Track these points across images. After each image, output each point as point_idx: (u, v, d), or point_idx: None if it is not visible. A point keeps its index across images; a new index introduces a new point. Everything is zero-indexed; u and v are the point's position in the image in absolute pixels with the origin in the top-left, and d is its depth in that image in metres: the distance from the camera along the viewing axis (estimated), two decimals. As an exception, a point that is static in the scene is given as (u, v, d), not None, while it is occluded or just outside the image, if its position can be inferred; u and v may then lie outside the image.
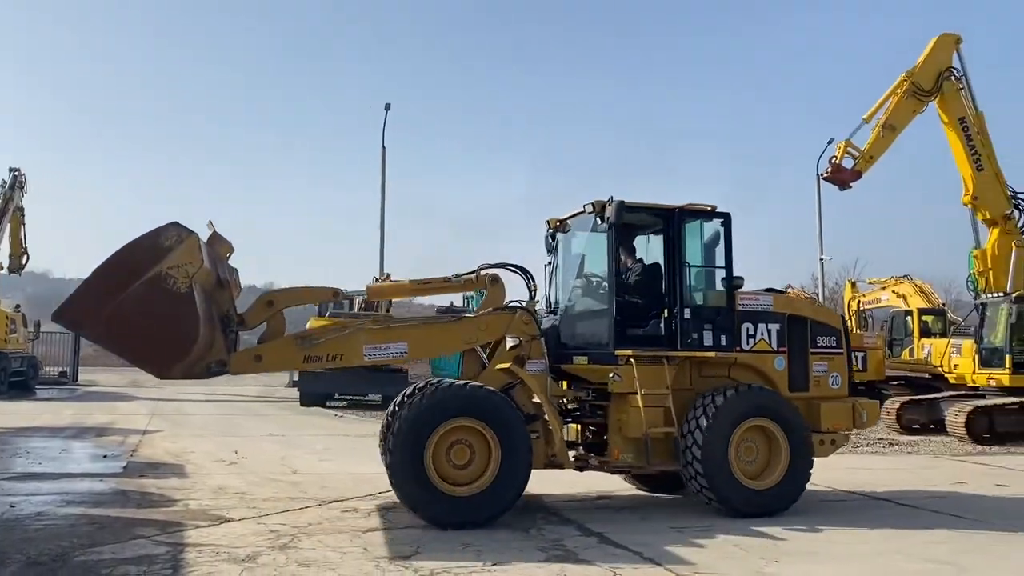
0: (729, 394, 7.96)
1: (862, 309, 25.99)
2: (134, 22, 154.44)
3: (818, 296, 31.80)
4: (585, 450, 8.53)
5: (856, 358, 9.02)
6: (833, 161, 18.03)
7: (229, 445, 12.98)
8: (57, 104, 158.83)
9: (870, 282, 27.64)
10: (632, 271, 8.53)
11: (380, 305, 23.62)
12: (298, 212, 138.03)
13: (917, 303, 23.38)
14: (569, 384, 8.62)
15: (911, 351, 21.20)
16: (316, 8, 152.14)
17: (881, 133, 17.74)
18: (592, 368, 8.25)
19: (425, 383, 7.53)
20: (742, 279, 8.41)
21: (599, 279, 8.60)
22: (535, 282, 8.61)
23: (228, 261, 7.94)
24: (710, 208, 8.40)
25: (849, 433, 8.96)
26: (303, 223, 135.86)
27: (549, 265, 9.23)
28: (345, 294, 8.61)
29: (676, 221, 8.32)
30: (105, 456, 11.57)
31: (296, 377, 25.71)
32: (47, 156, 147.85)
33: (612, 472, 8.80)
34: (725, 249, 8.37)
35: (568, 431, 8.43)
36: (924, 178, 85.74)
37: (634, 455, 8.05)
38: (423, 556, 6.13)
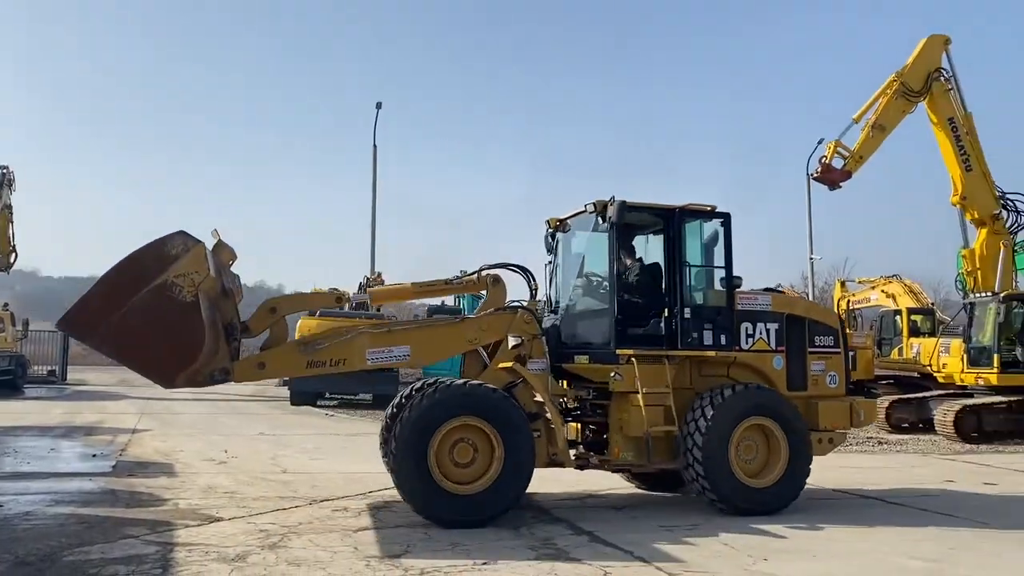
0: (729, 393, 8.01)
1: (851, 308, 26.07)
2: (134, 22, 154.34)
3: (808, 296, 31.91)
4: (585, 449, 8.54)
5: (846, 357, 9.05)
6: (823, 161, 18.10)
7: (219, 444, 12.95)
8: (57, 104, 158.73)
9: (859, 281, 27.74)
10: (632, 271, 8.55)
11: (371, 304, 23.61)
12: (298, 212, 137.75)
13: (906, 303, 23.48)
14: (569, 383, 8.64)
15: (900, 350, 21.28)
16: (316, 8, 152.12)
17: (871, 133, 17.82)
18: (593, 367, 8.28)
19: (428, 382, 7.58)
20: (740, 279, 8.46)
21: (600, 279, 8.63)
22: (536, 281, 8.66)
23: (230, 267, 7.92)
24: (710, 208, 8.45)
25: (847, 432, 9.01)
26: (303, 223, 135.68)
27: (549, 265, 9.25)
28: (348, 298, 8.61)
29: (676, 221, 8.35)
30: (94, 455, 11.53)
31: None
32: (46, 156, 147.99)
33: (612, 471, 8.83)
34: (725, 249, 8.41)
35: (568, 430, 8.44)
36: (913, 178, 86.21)
37: (635, 454, 8.08)
38: (413, 555, 6.13)
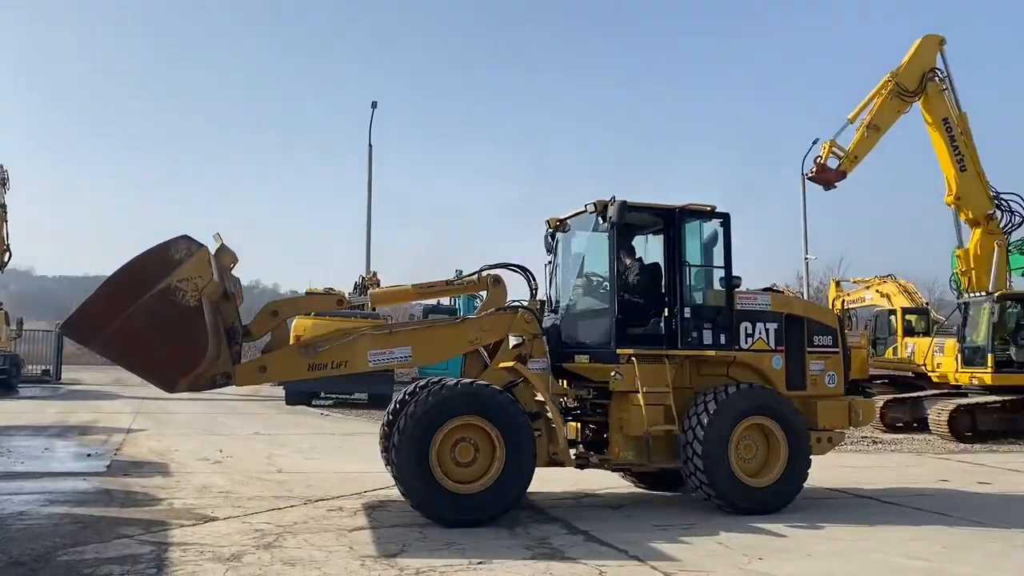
0: (729, 392, 8.03)
1: (846, 308, 26.13)
2: (134, 22, 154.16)
3: (803, 295, 31.96)
4: (585, 448, 8.56)
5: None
6: (818, 161, 18.12)
7: (214, 444, 12.93)
8: (56, 103, 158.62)
9: (854, 281, 27.83)
10: (632, 270, 8.57)
11: (366, 303, 23.56)
12: (298, 212, 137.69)
13: (901, 302, 23.55)
14: (569, 383, 8.65)
15: (895, 350, 21.35)
16: (316, 8, 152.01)
17: (865, 133, 17.85)
18: (593, 367, 8.29)
19: (432, 381, 7.60)
20: (740, 279, 8.49)
21: (600, 278, 8.64)
22: (536, 281, 8.68)
23: (231, 271, 7.91)
24: (710, 208, 8.47)
25: (845, 431, 9.03)
26: (303, 223, 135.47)
27: (549, 264, 9.26)
28: (349, 301, 8.61)
29: (677, 221, 8.37)
30: (88, 455, 11.50)
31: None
32: (44, 155, 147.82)
33: (612, 470, 8.86)
34: (724, 249, 8.43)
35: (568, 429, 8.45)
36: (908, 178, 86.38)
37: (635, 453, 8.10)
38: (409, 555, 6.13)
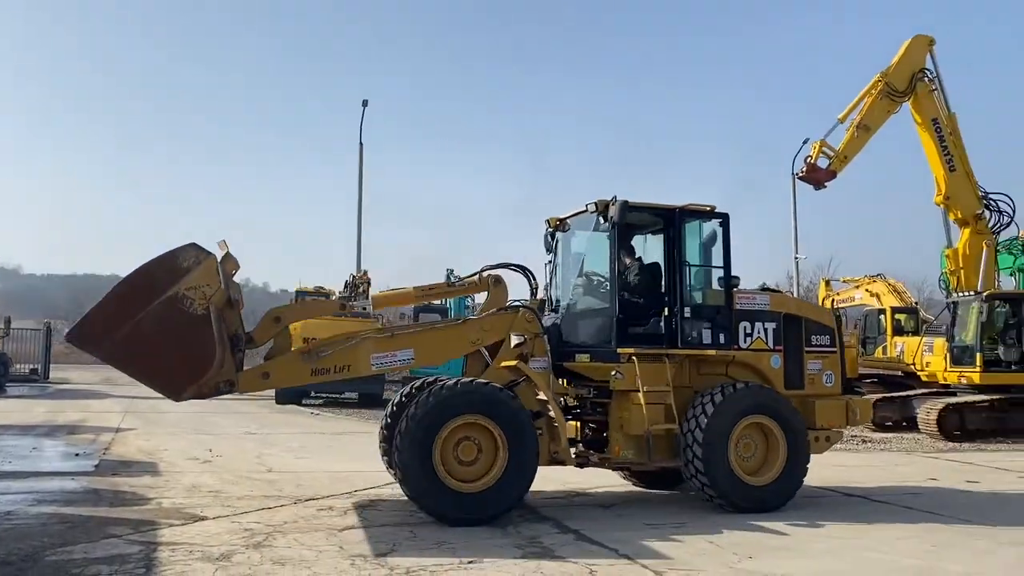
0: (729, 392, 8.07)
1: (836, 307, 26.21)
2: (134, 22, 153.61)
3: (793, 295, 32.05)
4: (585, 447, 8.58)
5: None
6: (808, 161, 18.19)
7: (203, 443, 12.88)
8: (56, 103, 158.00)
9: (844, 281, 27.92)
10: (632, 270, 8.59)
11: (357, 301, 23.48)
12: (298, 212, 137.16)
13: (890, 302, 23.63)
14: (568, 381, 8.65)
15: (884, 349, 21.43)
16: (316, 8, 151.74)
17: (855, 133, 17.92)
18: (594, 366, 8.31)
19: (425, 382, 7.59)
20: (738, 278, 8.53)
21: (600, 278, 8.67)
22: (536, 280, 8.70)
23: (233, 277, 7.89)
24: (709, 208, 8.50)
25: (843, 430, 9.07)
26: (303, 223, 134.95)
27: (549, 264, 9.27)
28: (352, 306, 8.61)
29: (676, 221, 8.40)
30: (77, 454, 11.43)
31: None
32: (45, 156, 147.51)
33: (612, 468, 8.90)
34: (723, 249, 8.47)
35: (568, 428, 8.46)
36: (898, 178, 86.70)
37: (635, 452, 8.13)
38: (399, 554, 6.12)
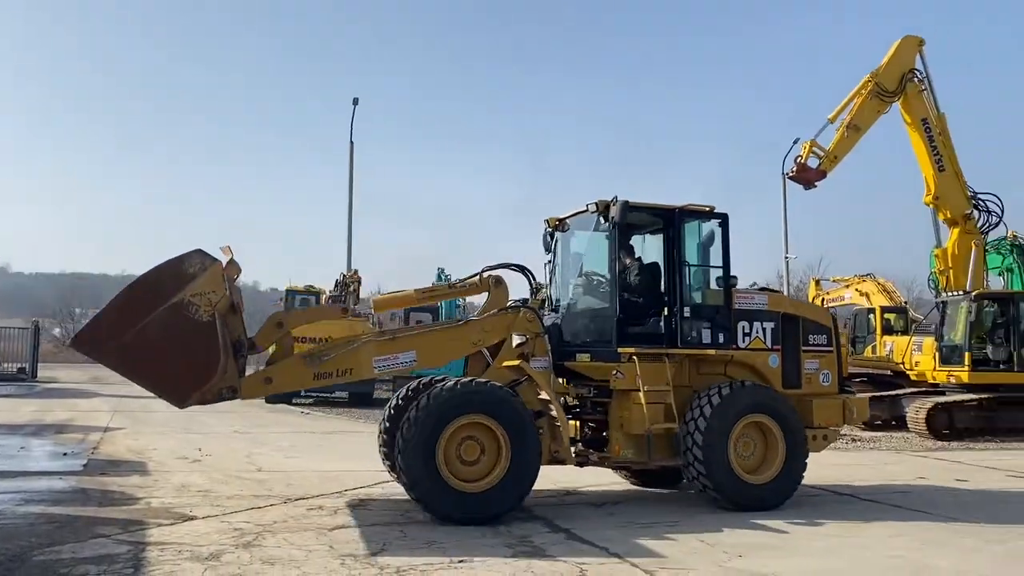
0: (729, 391, 8.10)
1: (826, 307, 26.31)
2: (134, 22, 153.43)
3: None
4: (584, 446, 8.59)
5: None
6: (798, 161, 18.24)
7: (193, 442, 12.83)
8: (55, 103, 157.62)
9: (834, 280, 28.00)
10: (632, 270, 8.61)
11: (348, 300, 23.49)
12: (298, 212, 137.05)
13: (880, 301, 23.73)
14: (567, 381, 8.66)
15: (874, 348, 21.52)
16: (316, 8, 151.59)
17: (845, 133, 17.99)
18: (595, 365, 8.33)
19: (421, 382, 7.59)
20: (736, 278, 8.57)
21: (600, 278, 8.68)
22: (536, 280, 8.71)
23: (235, 282, 7.86)
24: (708, 208, 8.52)
25: (839, 429, 9.10)
26: (303, 223, 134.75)
27: (549, 264, 9.28)
28: (353, 311, 8.59)
29: (676, 221, 8.42)
30: (65, 454, 11.37)
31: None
32: (44, 155, 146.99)
33: (612, 467, 8.94)
34: (723, 249, 8.50)
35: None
36: (888, 178, 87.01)
37: (635, 451, 8.16)
38: (389, 553, 6.10)
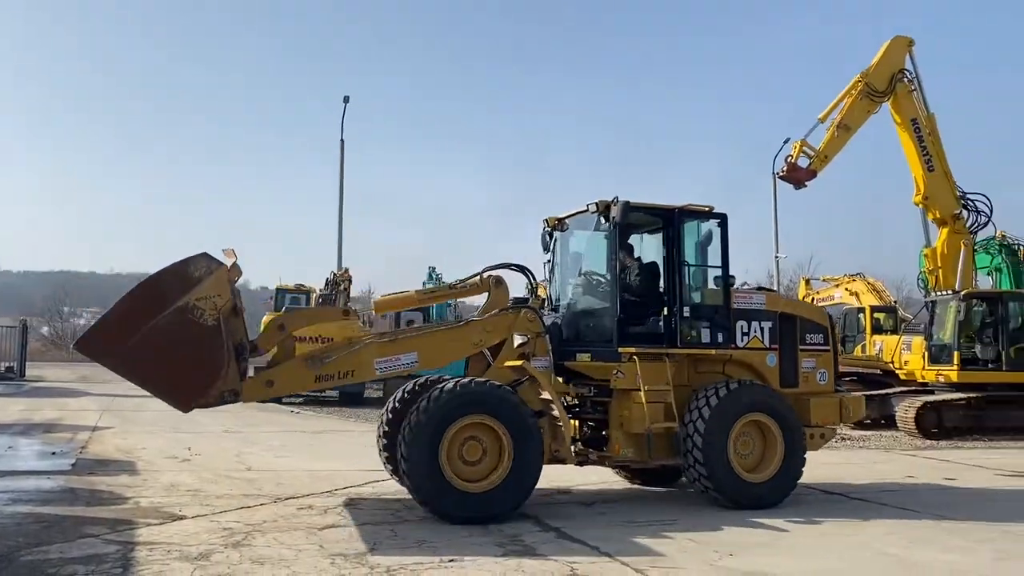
0: (729, 389, 8.12)
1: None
2: (134, 22, 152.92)
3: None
4: (584, 445, 8.60)
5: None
6: (789, 160, 18.31)
7: (182, 441, 12.77)
8: (55, 103, 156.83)
9: (824, 280, 28.14)
10: (631, 270, 8.62)
11: (338, 299, 23.48)
12: (298, 212, 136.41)
13: (869, 300, 23.86)
14: (566, 380, 8.66)
15: (863, 347, 21.62)
16: (316, 8, 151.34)
17: (836, 133, 18.05)
18: (595, 365, 8.34)
19: (416, 383, 7.60)
20: (734, 278, 8.63)
21: (600, 278, 8.69)
22: (536, 280, 8.72)
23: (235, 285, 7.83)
24: (708, 208, 8.55)
25: (836, 427, 9.15)
26: (303, 223, 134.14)
27: (548, 263, 9.29)
28: (355, 312, 8.58)
29: (676, 221, 8.44)
30: (53, 453, 11.30)
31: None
32: (44, 155, 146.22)
33: (612, 467, 8.98)
34: (721, 249, 8.53)
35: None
36: (877, 178, 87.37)
37: (635, 450, 8.18)
38: (379, 552, 6.09)
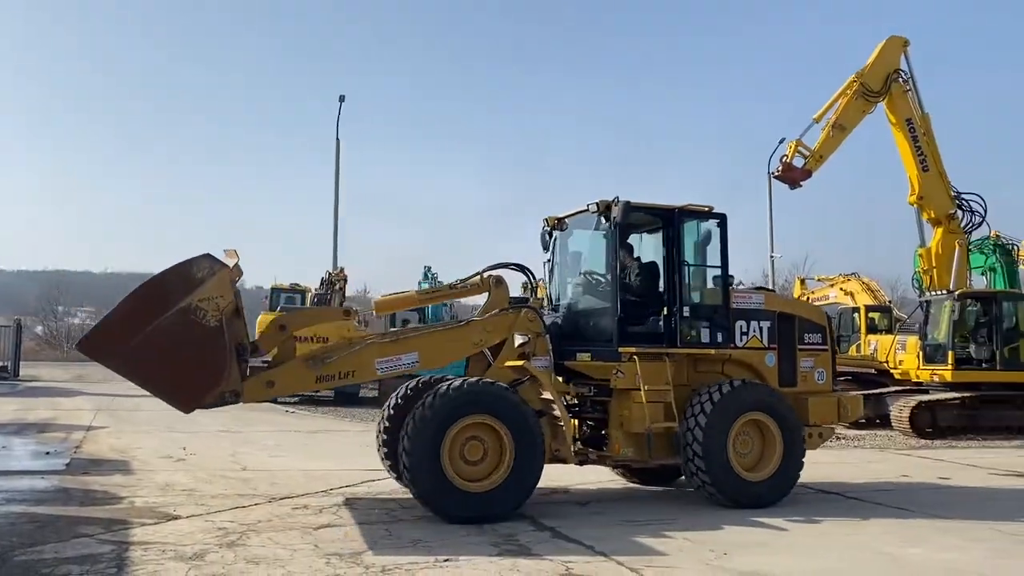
0: (728, 389, 8.14)
1: (814, 306, 26.44)
2: (134, 22, 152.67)
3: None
4: (583, 445, 8.60)
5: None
6: (784, 160, 18.33)
7: (177, 441, 12.75)
8: (55, 103, 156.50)
9: (819, 279, 28.19)
10: (631, 269, 8.63)
11: (333, 298, 23.45)
12: (298, 212, 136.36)
13: (864, 300, 23.90)
14: (566, 380, 8.67)
15: (858, 347, 21.65)
16: (316, 8, 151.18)
17: (831, 133, 18.09)
18: (595, 364, 8.35)
19: (418, 382, 7.61)
20: (733, 278, 8.65)
21: (600, 278, 8.70)
22: (536, 279, 8.73)
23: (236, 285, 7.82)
24: (707, 209, 8.57)
25: (834, 427, 9.18)
26: (303, 223, 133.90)
27: (548, 263, 9.29)
28: (356, 313, 8.58)
29: (676, 221, 8.45)
30: (47, 453, 11.29)
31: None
32: (45, 155, 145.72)
33: (612, 466, 9.01)
34: (721, 249, 8.54)
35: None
36: (872, 178, 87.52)
37: (635, 450, 8.19)
38: (375, 552, 6.09)
